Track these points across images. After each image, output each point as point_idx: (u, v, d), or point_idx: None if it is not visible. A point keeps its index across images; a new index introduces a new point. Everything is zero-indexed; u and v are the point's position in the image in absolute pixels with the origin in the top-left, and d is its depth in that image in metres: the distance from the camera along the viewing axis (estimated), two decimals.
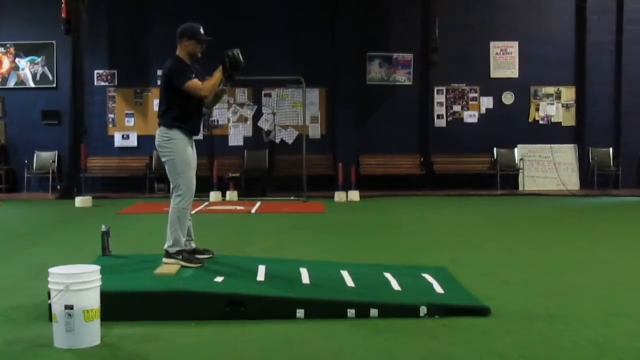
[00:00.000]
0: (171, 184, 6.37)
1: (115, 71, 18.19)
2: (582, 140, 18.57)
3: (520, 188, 18.51)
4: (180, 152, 6.24)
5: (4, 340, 4.71)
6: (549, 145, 18.62)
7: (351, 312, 5.26)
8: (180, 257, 6.20)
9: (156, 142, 6.32)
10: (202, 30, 6.45)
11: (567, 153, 18.69)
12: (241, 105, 18.27)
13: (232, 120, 18.28)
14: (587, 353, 4.44)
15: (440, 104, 18.68)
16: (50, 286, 4.60)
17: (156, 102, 17.92)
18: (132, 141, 18.23)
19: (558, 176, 18.53)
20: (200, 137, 17.56)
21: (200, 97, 6.30)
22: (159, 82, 17.73)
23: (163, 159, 6.33)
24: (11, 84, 18.13)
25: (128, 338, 4.74)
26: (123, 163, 18.14)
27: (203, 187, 16.03)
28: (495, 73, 18.70)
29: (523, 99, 18.73)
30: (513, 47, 18.68)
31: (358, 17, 17.95)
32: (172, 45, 6.58)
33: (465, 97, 18.68)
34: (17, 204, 15.53)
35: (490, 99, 18.69)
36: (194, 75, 6.26)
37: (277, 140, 18.31)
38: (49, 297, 4.65)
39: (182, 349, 4.55)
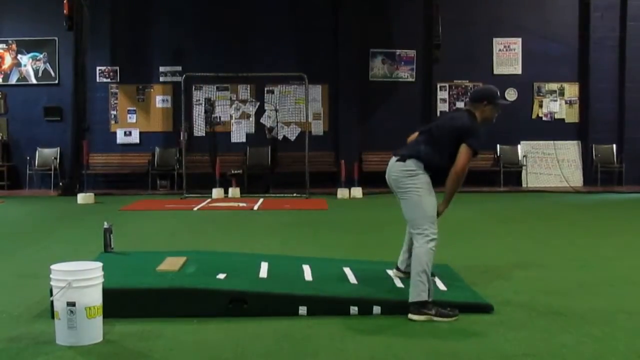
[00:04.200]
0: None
1: (118, 68, 18.17)
2: (586, 137, 18.55)
3: (524, 185, 18.49)
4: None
5: (6, 337, 4.71)
6: (552, 142, 18.61)
7: (354, 309, 5.25)
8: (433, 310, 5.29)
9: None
10: (499, 97, 5.84)
11: (570, 150, 18.68)
12: (244, 102, 18.26)
13: (235, 117, 18.26)
14: (590, 350, 4.43)
15: (444, 100, 18.66)
16: (52, 283, 4.60)
17: (159, 98, 18.03)
18: (135, 138, 18.23)
19: (561, 173, 18.51)
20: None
21: (460, 168, 5.72)
22: (161, 79, 17.98)
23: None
24: (13, 80, 18.12)
25: (130, 335, 4.74)
26: (125, 160, 18.13)
27: (205, 184, 16.17)
28: (498, 69, 18.67)
29: (526, 96, 18.69)
30: (516, 43, 18.65)
31: (361, 14, 17.94)
32: (174, 41, 6.59)
33: (469, 93, 18.65)
34: (19, 200, 15.53)
35: None
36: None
37: (280, 137, 18.29)
38: (51, 294, 4.65)
39: (185, 346, 4.54)
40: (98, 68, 18.04)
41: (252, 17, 17.98)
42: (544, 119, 18.77)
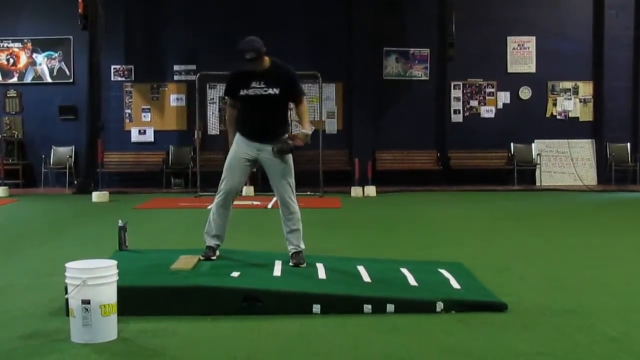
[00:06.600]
0: None
1: (132, 66, 18.22)
2: (600, 136, 18.46)
3: (537, 183, 18.44)
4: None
5: (21, 334, 4.73)
6: (566, 141, 18.54)
7: (367, 308, 5.25)
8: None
9: None
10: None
11: (584, 148, 18.60)
12: None
13: None
14: (604, 349, 4.42)
15: (457, 99, 18.63)
16: (67, 281, 4.62)
17: (173, 97, 18.09)
18: (149, 136, 18.29)
19: (575, 171, 18.44)
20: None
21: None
22: (175, 77, 18.04)
23: None
24: (28, 79, 18.21)
25: (145, 333, 4.76)
26: (140, 158, 18.19)
27: (219, 182, 16.16)
28: (512, 68, 18.61)
29: (540, 94, 18.64)
30: (530, 42, 18.58)
31: (374, 12, 17.92)
32: (189, 40, 6.67)
33: (482, 92, 18.61)
34: (34, 199, 15.60)
35: (508, 94, 18.61)
36: (241, 91, 6.85)
37: None
38: (66, 292, 4.67)
39: (199, 344, 4.56)
40: (113, 67, 18.10)
41: (266, 16, 17.97)
42: (558, 117, 18.70)
